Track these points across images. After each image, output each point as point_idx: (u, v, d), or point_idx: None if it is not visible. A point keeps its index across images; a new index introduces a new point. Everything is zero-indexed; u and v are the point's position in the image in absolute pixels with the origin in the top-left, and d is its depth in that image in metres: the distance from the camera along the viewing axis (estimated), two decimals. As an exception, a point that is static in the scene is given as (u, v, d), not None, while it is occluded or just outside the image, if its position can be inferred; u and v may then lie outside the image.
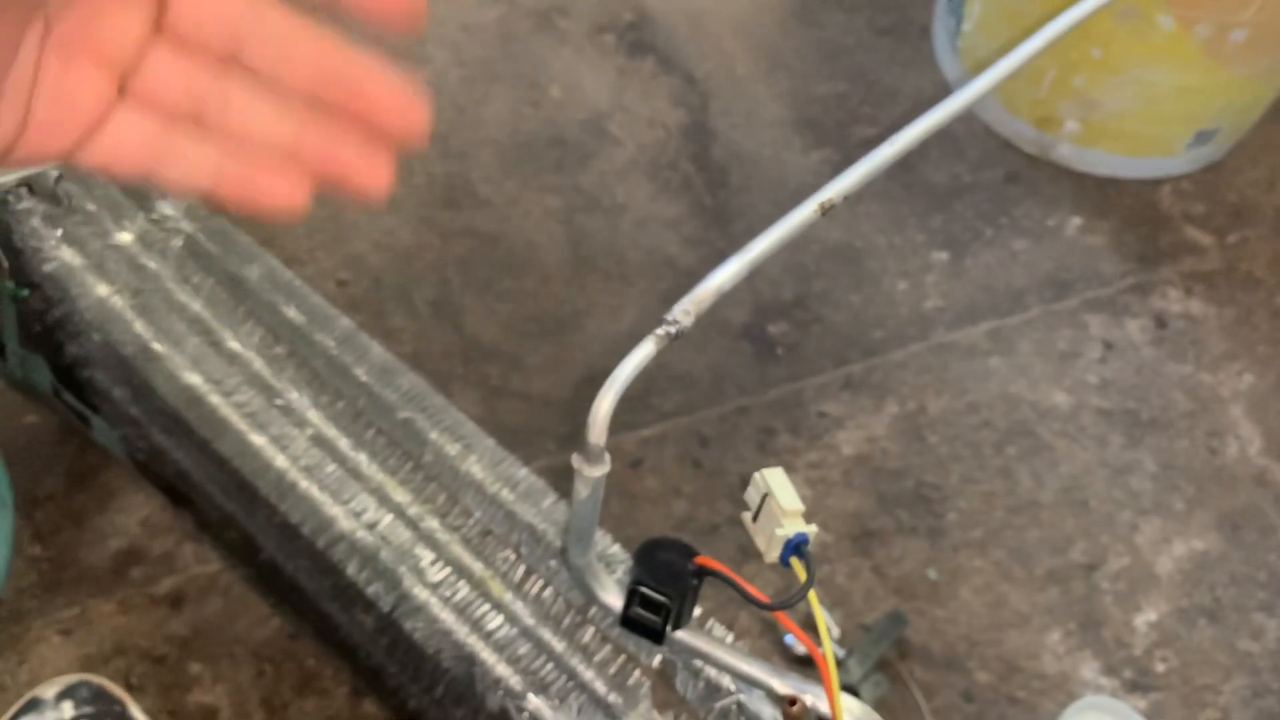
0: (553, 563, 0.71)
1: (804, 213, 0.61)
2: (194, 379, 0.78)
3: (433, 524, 0.73)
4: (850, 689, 0.82)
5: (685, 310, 0.56)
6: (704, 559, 0.57)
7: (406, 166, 1.38)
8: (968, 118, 1.47)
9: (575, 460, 0.54)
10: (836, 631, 1.11)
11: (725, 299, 0.64)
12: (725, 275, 0.58)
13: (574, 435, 1.20)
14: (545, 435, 1.19)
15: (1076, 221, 1.40)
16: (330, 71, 0.37)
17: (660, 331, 0.56)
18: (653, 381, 1.25)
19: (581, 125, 1.43)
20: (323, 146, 0.38)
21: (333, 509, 0.73)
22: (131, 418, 0.91)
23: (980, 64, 1.42)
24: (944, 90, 1.48)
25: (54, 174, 0.85)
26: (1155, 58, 1.26)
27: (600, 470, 0.53)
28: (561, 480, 0.77)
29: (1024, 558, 1.17)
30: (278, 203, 0.40)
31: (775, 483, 0.57)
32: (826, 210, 0.62)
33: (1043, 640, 1.13)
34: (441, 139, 1.40)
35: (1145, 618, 1.15)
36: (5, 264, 0.87)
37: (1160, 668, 1.13)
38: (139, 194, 0.88)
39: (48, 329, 0.88)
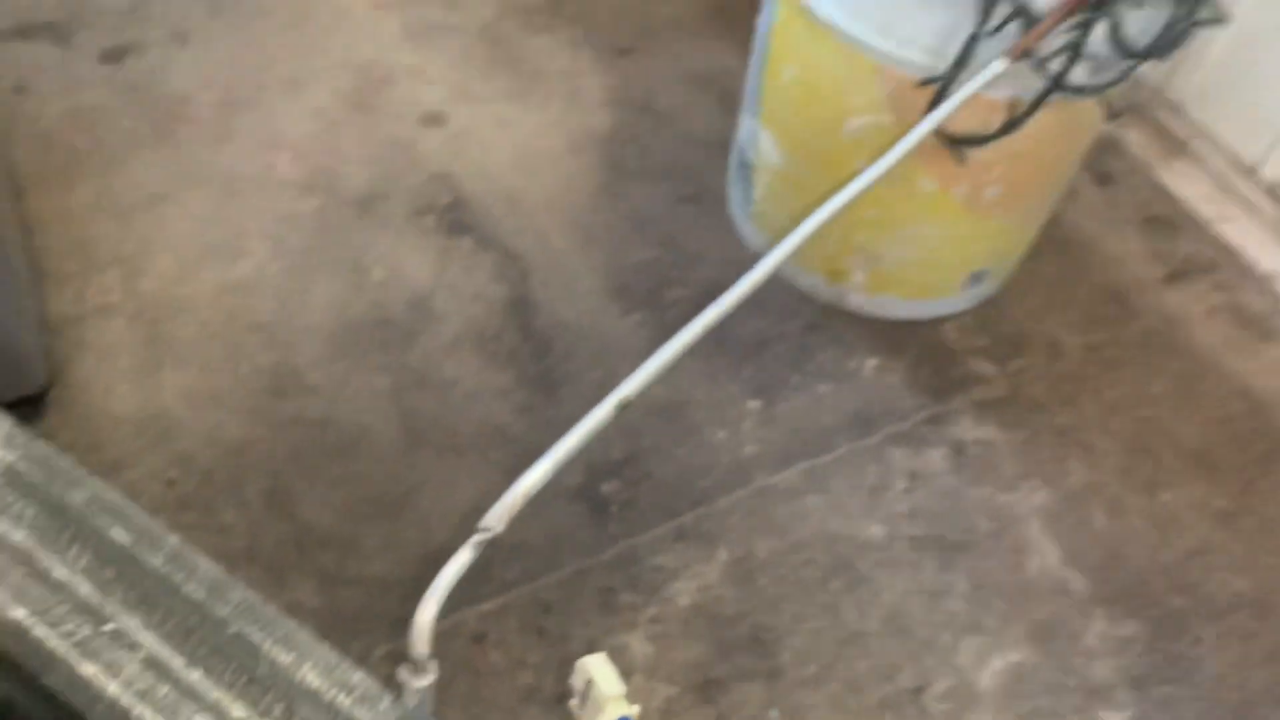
0: (394, 762, 0.73)
1: (602, 411, 0.68)
2: (18, 613, 0.78)
3: (273, 736, 0.74)
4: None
5: (498, 517, 0.60)
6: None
7: (233, 359, 1.40)
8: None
9: (401, 674, 0.57)
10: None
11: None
12: (532, 479, 0.63)
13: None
14: (385, 619, 1.20)
15: (873, 362, 1.51)
16: None
17: (476, 539, 0.60)
18: (493, 552, 1.28)
19: (406, 305, 1.48)
20: None
21: (169, 732, 0.73)
22: (-50, 654, 0.89)
23: (773, 226, 1.55)
24: (744, 251, 1.60)
25: None
26: (923, 215, 1.40)
27: (427, 679, 0.56)
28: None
29: (856, 688, 1.23)
30: None
31: (596, 670, 0.62)
32: (624, 407, 0.68)
33: (882, 768, 1.19)
34: (266, 330, 1.43)
35: (972, 734, 1.22)
36: None
37: (991, 781, 1.20)
38: (-47, 426, 0.88)
39: None
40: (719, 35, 1.88)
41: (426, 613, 0.55)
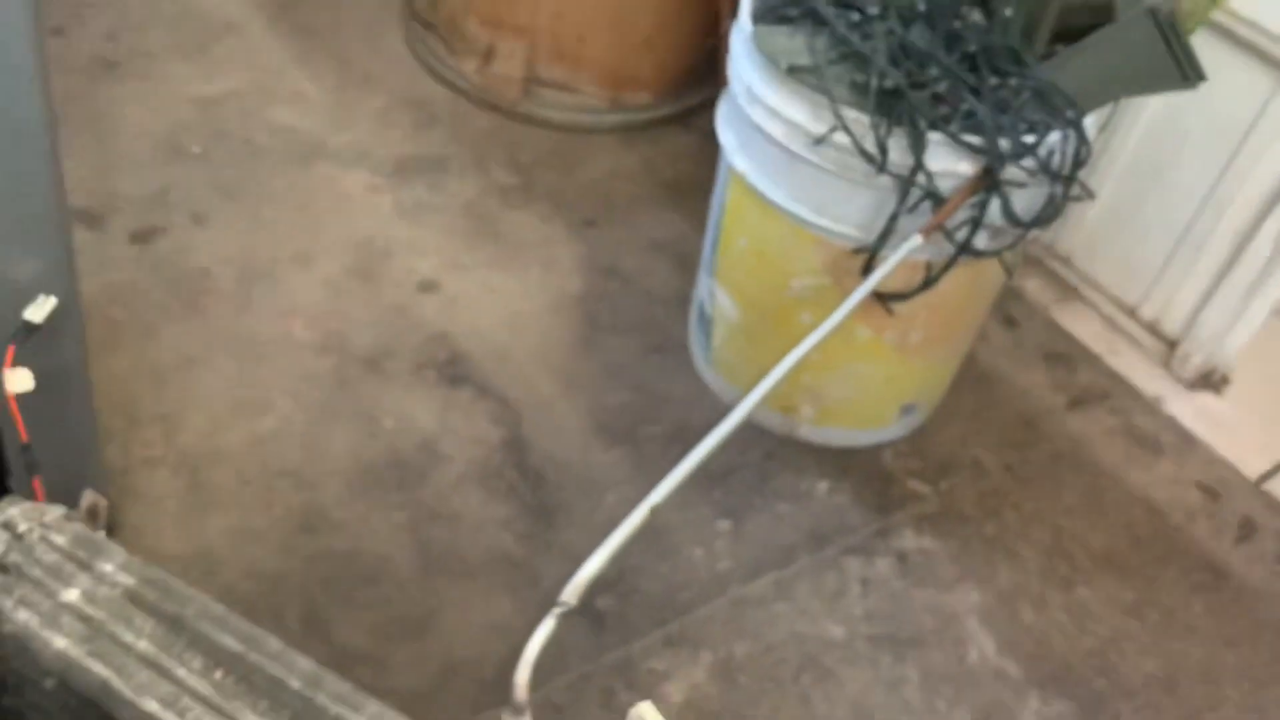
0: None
1: (640, 514, 0.88)
2: (151, 705, 0.95)
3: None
4: None
5: (572, 593, 0.80)
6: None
7: (266, 502, 1.58)
8: (727, 413, 1.81)
9: (505, 715, 0.76)
10: None
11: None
12: (595, 565, 0.83)
13: (446, 720, 1.38)
14: (420, 723, 1.36)
15: (824, 485, 1.74)
16: None
17: (556, 611, 0.79)
18: (505, 664, 1.45)
19: (416, 448, 1.68)
20: None
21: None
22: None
23: (730, 370, 1.79)
24: (706, 392, 1.83)
25: (-2, 547, 1.00)
26: (860, 357, 1.65)
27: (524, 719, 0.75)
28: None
29: (830, 768, 1.41)
30: None
31: (649, 716, 0.80)
32: (655, 511, 0.89)
33: (856, 837, 1.36)
34: (294, 474, 1.61)
35: (932, 803, 1.40)
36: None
37: (950, 844, 1.37)
38: (78, 558, 1.05)
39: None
40: (672, 208, 2.16)
41: (523, 671, 0.73)
